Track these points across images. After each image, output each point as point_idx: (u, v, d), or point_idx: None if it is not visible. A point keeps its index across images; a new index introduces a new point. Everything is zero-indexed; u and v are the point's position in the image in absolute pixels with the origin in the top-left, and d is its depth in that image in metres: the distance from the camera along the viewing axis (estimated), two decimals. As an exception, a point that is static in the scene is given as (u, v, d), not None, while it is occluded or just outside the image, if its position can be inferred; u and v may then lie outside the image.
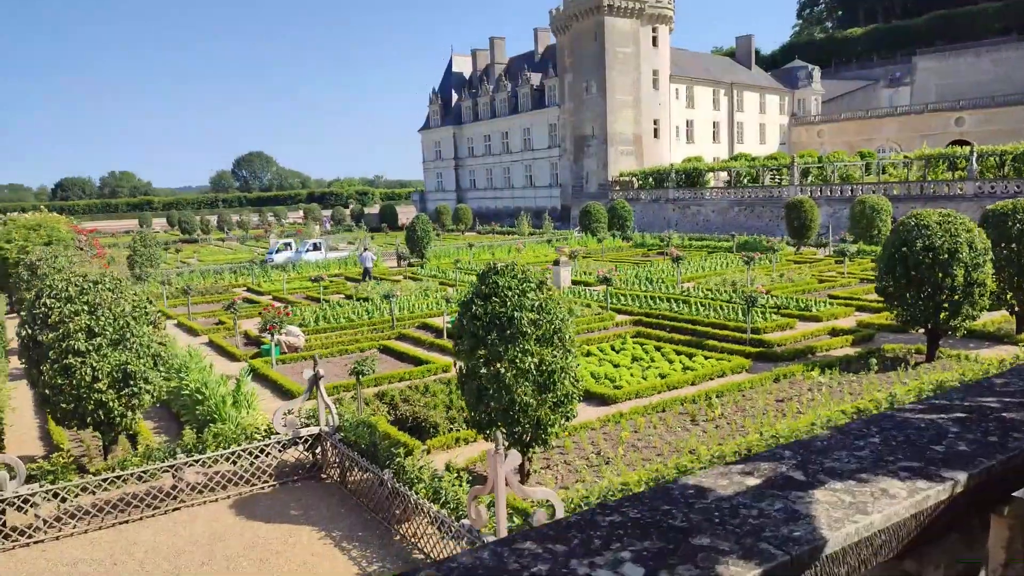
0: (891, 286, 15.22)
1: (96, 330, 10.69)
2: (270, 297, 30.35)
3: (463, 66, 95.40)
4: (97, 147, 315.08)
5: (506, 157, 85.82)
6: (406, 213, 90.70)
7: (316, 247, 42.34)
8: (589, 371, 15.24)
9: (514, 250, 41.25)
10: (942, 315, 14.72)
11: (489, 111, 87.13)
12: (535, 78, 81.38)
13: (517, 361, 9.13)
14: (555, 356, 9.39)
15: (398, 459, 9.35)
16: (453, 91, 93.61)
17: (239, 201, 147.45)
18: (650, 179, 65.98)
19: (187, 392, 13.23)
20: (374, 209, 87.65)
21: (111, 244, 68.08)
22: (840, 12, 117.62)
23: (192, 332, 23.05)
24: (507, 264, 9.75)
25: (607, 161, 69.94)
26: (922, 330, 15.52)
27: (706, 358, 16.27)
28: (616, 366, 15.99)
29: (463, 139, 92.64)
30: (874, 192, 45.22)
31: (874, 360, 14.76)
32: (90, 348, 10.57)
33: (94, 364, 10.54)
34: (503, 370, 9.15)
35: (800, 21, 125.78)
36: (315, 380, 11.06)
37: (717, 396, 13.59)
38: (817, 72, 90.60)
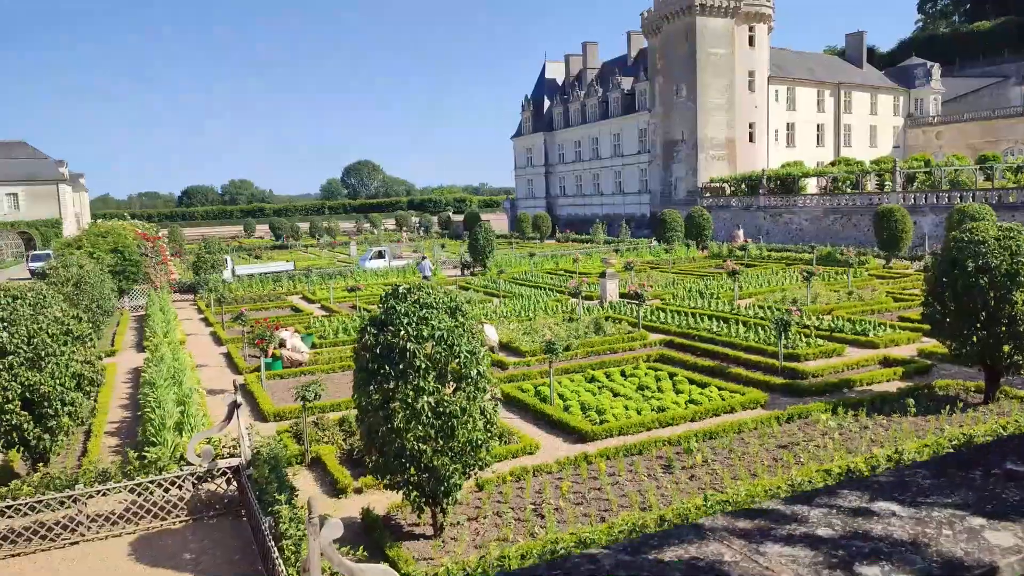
0: (939, 313, 12.87)
1: (9, 349, 10.20)
2: (319, 306, 30.21)
3: (556, 72, 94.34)
4: (223, 157, 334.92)
5: (595, 163, 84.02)
6: (498, 220, 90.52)
7: (381, 255, 42.25)
8: (581, 400, 13.70)
9: (570, 260, 39.66)
10: (1004, 348, 12.26)
11: (580, 117, 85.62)
12: (626, 82, 79.23)
13: (410, 400, 7.86)
14: (459, 396, 8.04)
15: (277, 505, 8.24)
16: (545, 97, 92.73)
17: (344, 208, 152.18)
18: (743, 185, 62.65)
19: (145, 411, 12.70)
20: (460, 216, 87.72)
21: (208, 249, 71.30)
22: (967, 5, 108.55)
23: (219, 341, 22.94)
24: (413, 286, 8.48)
25: (696, 167, 66.99)
26: (979, 366, 13.04)
27: (721, 389, 14.35)
28: (616, 395, 14.35)
29: (553, 145, 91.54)
30: (986, 200, 40.73)
31: (911, 401, 12.45)
32: (1, 368, 10.08)
33: (4, 384, 10.04)
34: (395, 410, 7.89)
35: (922, 16, 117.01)
36: (234, 407, 10.15)
37: (710, 438, 11.77)
38: (937, 70, 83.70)
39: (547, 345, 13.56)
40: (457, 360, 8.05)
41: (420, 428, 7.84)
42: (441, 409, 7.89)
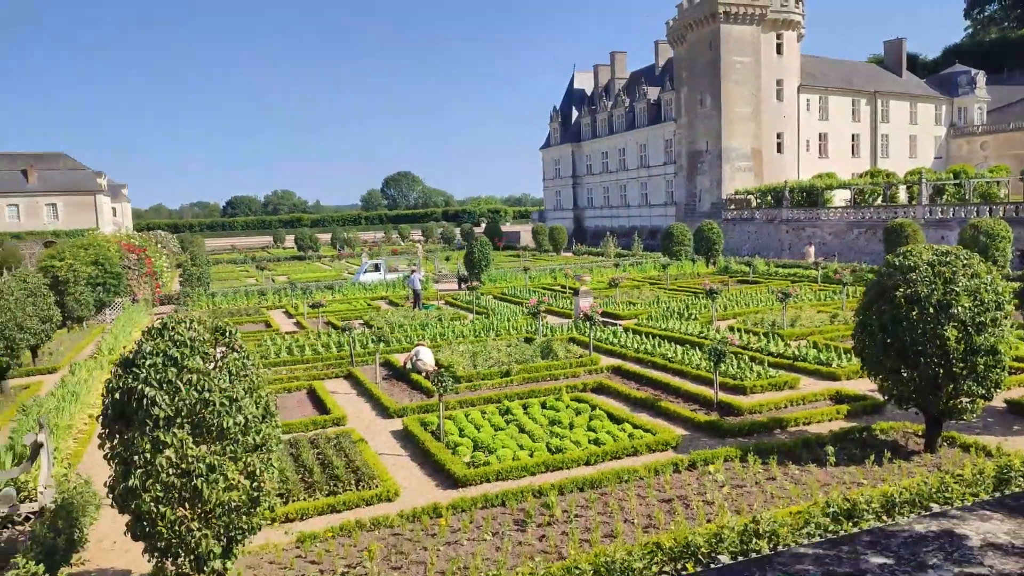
0: (867, 347, 11.33)
1: None
2: (295, 321, 29.53)
3: (585, 82, 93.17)
4: (269, 168, 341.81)
5: (622, 174, 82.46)
6: (538, 231, 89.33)
7: (376, 268, 41.52)
8: (476, 438, 12.49)
9: (561, 275, 38.31)
10: (946, 389, 10.68)
11: (607, 127, 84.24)
12: (652, 92, 77.63)
13: (148, 455, 6.81)
14: (203, 451, 6.97)
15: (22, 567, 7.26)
16: (573, 108, 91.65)
17: (380, 219, 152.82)
18: (768, 197, 60.44)
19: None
20: (481, 228, 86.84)
21: (232, 260, 71.79)
22: (1018, 10, 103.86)
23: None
24: (181, 320, 7.44)
25: (721, 178, 64.98)
26: (916, 410, 11.44)
27: (636, 427, 12.97)
28: (522, 431, 13.10)
29: (581, 156, 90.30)
30: (1016, 213, 38.19)
31: (831, 449, 10.92)
32: None
33: None
34: (134, 466, 6.86)
35: (969, 23, 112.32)
36: (36, 448, 9.27)
37: (592, 486, 10.46)
38: (981, 77, 79.93)
39: (436, 377, 12.39)
40: (210, 408, 6.98)
41: (159, 488, 6.79)
42: (184, 467, 6.82)
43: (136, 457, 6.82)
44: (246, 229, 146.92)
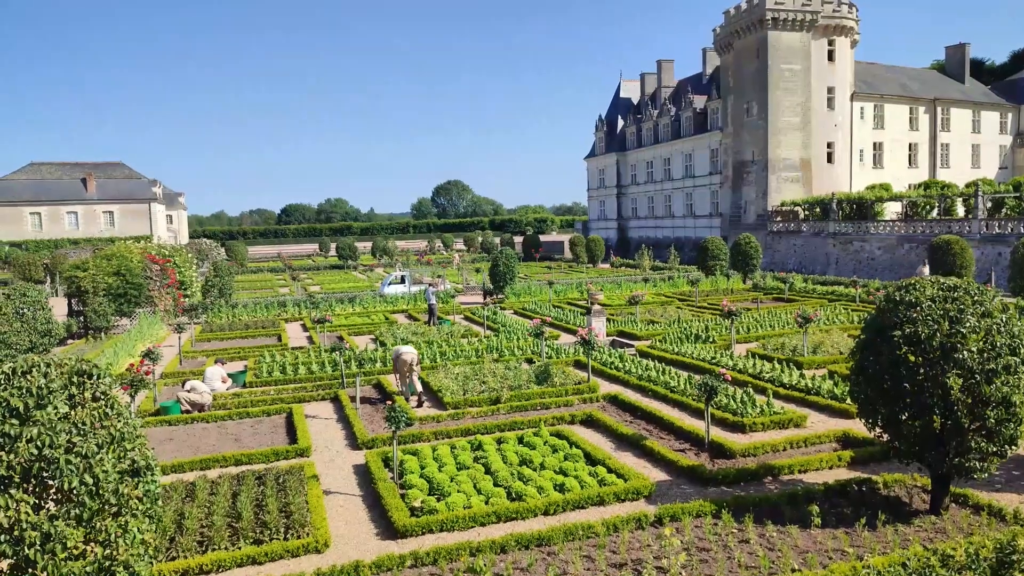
0: (864, 394, 9.98)
1: None
2: (306, 336, 29.07)
3: (631, 91, 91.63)
4: (323, 176, 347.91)
5: (667, 184, 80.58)
6: (575, 242, 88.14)
7: (402, 280, 40.93)
8: (434, 479, 11.50)
9: (598, 288, 36.94)
10: (951, 445, 9.29)
11: (652, 136, 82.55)
12: (699, 101, 75.71)
13: (-18, 515, 6.06)
14: (42, 516, 6.17)
15: None
16: (619, 117, 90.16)
17: (428, 227, 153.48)
18: (816, 209, 58.05)
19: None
20: (520, 238, 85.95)
21: (272, 268, 72.43)
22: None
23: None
24: (35, 363, 6.68)
25: (767, 189, 62.72)
26: (918, 465, 10.03)
27: (610, 471, 11.81)
28: (488, 471, 12.08)
29: (626, 166, 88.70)
30: (1081, 230, 35.47)
31: (815, 508, 9.59)
32: None
33: None
34: (-31, 526, 6.11)
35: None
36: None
37: (539, 544, 9.38)
38: (1052, 82, 75.64)
39: (389, 411, 11.46)
40: (53, 467, 6.18)
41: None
42: (17, 534, 6.04)
43: (-27, 518, 6.06)
44: (297, 237, 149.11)
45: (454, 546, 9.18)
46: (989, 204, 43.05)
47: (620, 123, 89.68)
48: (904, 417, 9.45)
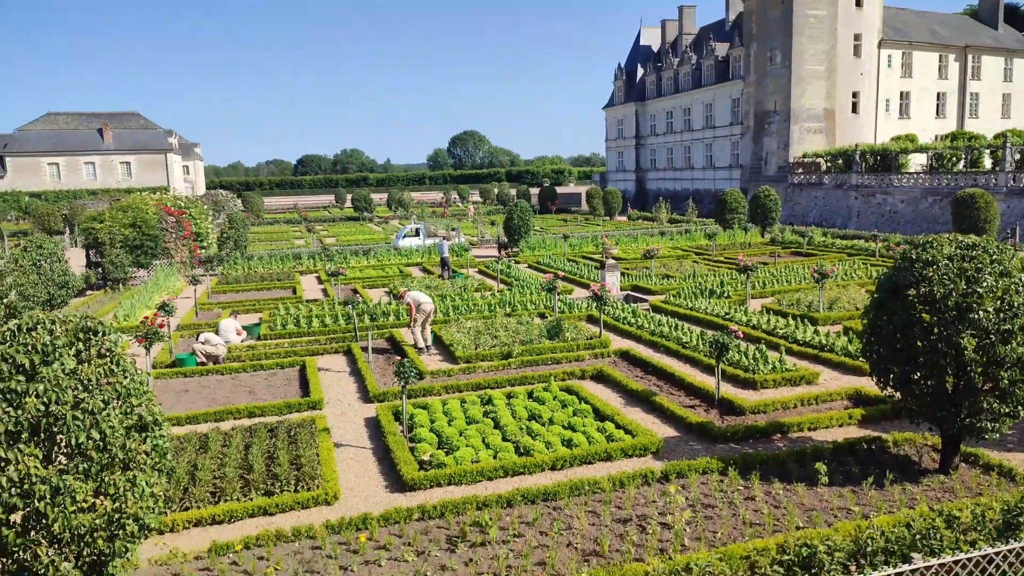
0: (877, 353, 9.85)
1: None
2: (321, 289, 29.22)
3: (651, 39, 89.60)
4: (339, 126, 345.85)
5: (687, 135, 79.27)
6: (592, 194, 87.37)
7: (416, 233, 40.81)
8: (444, 433, 11.59)
9: (613, 242, 36.68)
10: (963, 406, 9.18)
11: (672, 86, 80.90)
12: (721, 48, 73.90)
13: (-10, 469, 6.16)
14: (52, 470, 6.27)
15: None
16: (639, 65, 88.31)
17: (444, 179, 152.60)
18: (839, 160, 56.94)
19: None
20: (536, 189, 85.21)
21: (288, 220, 72.50)
22: None
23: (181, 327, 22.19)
24: (39, 321, 6.70)
25: (789, 140, 61.53)
26: (929, 425, 9.95)
27: (618, 427, 11.84)
28: (497, 426, 12.15)
29: (645, 116, 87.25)
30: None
31: (822, 467, 9.56)
32: None
33: None
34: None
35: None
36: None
37: (545, 499, 9.47)
38: (1089, 28, 72.90)
39: (398, 366, 11.51)
40: (60, 423, 6.26)
41: (0, 509, 6.13)
42: (27, 487, 6.15)
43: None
44: (313, 188, 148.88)
45: (461, 500, 9.29)
46: (1018, 156, 41.93)
47: (639, 72, 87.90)
48: (916, 376, 9.35)
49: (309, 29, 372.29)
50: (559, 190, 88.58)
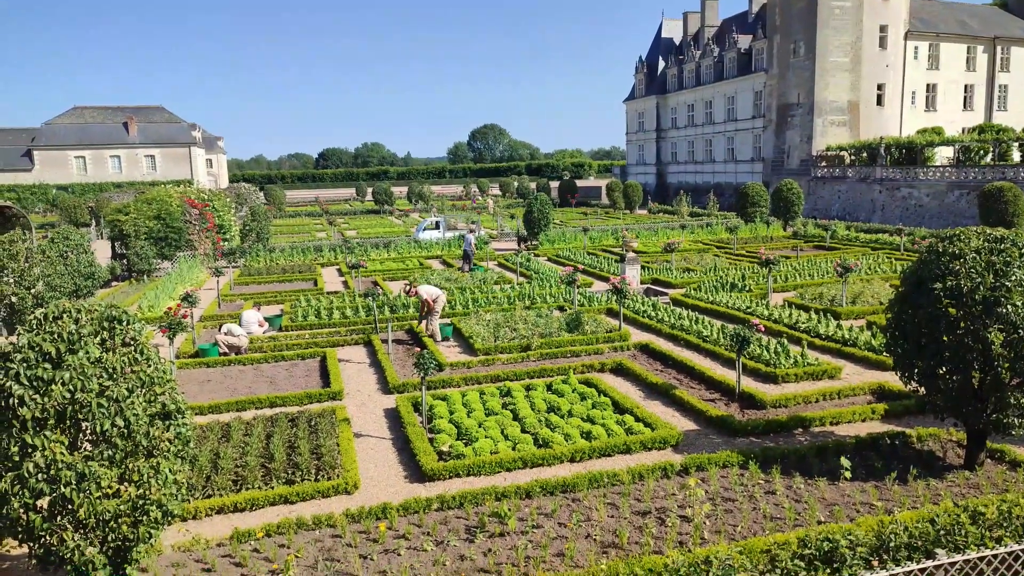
0: (901, 347, 9.73)
1: None
2: (341, 281, 29.37)
3: (673, 31, 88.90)
4: (361, 120, 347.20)
5: (708, 128, 78.64)
6: (612, 187, 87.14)
7: (437, 226, 40.88)
8: (463, 424, 11.63)
9: (633, 235, 36.44)
10: (990, 401, 9.05)
11: (694, 78, 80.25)
12: (743, 41, 73.13)
13: (16, 459, 6.27)
14: (76, 457, 6.37)
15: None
16: (660, 58, 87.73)
17: (464, 172, 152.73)
18: (863, 154, 56.23)
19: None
20: (556, 183, 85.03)
21: (310, 213, 72.94)
22: None
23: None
24: (65, 310, 6.80)
25: (812, 133, 60.83)
26: (955, 420, 9.81)
27: (638, 420, 11.81)
28: (516, 418, 12.16)
29: (666, 109, 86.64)
30: None
31: (846, 461, 9.47)
32: None
33: None
34: (3, 470, 6.35)
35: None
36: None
37: (564, 490, 9.46)
38: (1123, 18, 71.26)
39: (418, 358, 11.55)
40: (85, 410, 6.35)
41: (27, 494, 6.24)
42: (53, 473, 6.25)
43: (5, 460, 6.29)
44: (335, 181, 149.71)
45: (480, 490, 9.32)
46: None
47: (661, 65, 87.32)
48: (942, 371, 9.23)
49: (332, 24, 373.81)
50: (579, 183, 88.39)
